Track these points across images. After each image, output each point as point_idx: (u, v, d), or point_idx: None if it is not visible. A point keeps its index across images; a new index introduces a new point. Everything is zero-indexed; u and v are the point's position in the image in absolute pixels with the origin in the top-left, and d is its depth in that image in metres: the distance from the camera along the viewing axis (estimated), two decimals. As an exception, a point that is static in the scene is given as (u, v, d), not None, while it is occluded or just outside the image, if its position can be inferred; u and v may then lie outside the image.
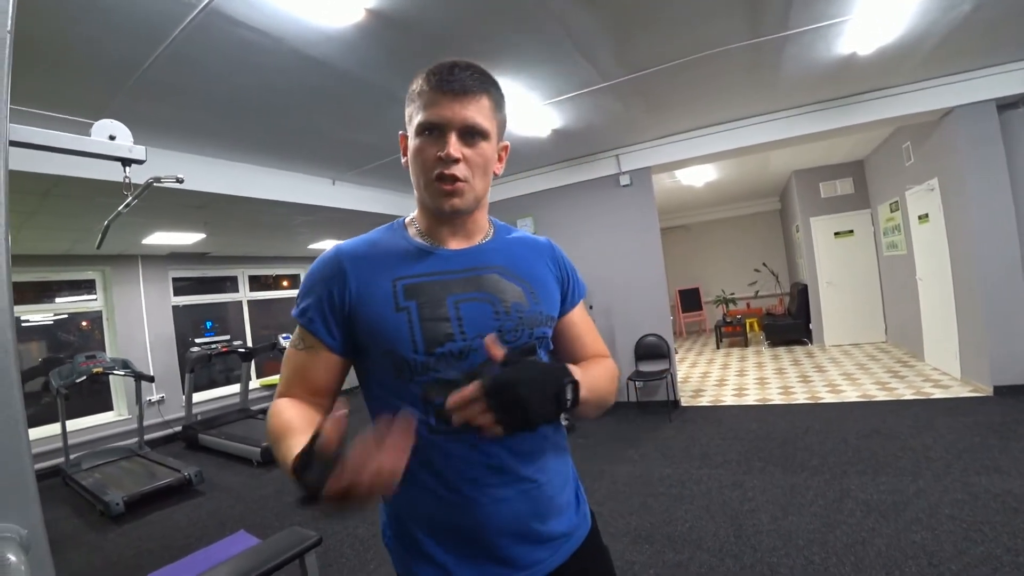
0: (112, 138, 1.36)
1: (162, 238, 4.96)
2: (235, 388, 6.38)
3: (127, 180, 1.53)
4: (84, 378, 4.24)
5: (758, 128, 4.41)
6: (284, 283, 7.77)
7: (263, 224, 5.07)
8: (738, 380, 5.70)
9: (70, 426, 4.48)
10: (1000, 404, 3.69)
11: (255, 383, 6.77)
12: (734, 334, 8.01)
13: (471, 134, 0.77)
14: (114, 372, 4.57)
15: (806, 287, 7.17)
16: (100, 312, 5.59)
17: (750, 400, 4.81)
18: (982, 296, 3.90)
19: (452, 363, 0.76)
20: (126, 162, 1.40)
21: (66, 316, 5.52)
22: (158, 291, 5.91)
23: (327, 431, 0.56)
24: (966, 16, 2.82)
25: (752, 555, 2.21)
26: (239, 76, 2.55)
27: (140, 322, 5.70)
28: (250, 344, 6.66)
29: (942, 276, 4.48)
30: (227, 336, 6.50)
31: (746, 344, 7.91)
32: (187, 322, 6.39)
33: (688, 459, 3.48)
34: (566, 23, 2.47)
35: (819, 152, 6.05)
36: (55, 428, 4.40)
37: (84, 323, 5.65)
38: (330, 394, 0.84)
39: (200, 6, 1.95)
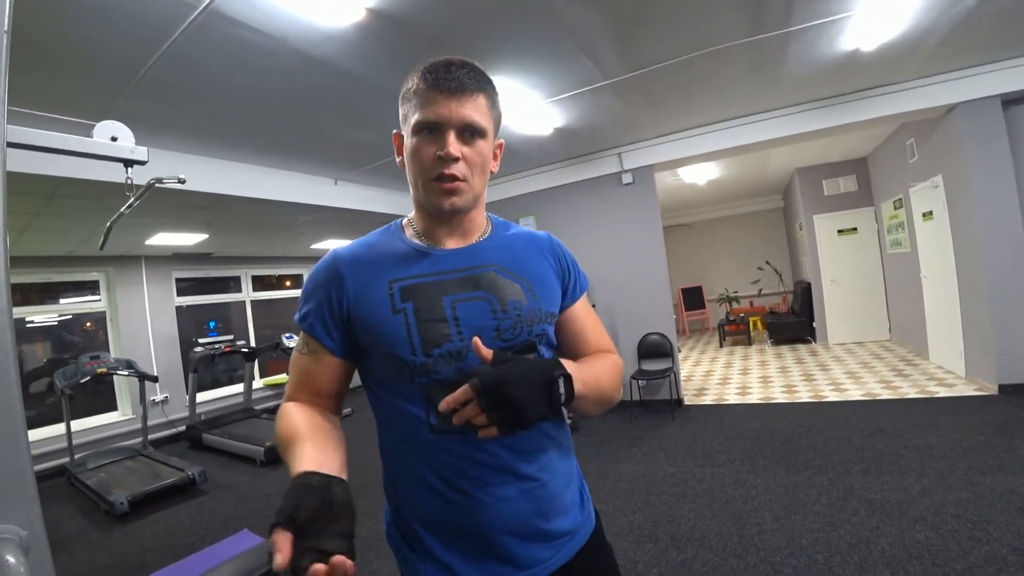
0: (114, 139, 1.37)
1: (165, 239, 4.98)
2: (239, 388, 6.40)
3: (129, 181, 1.54)
4: (88, 378, 4.26)
5: (761, 125, 4.39)
6: (287, 283, 7.79)
7: (266, 224, 5.08)
8: (741, 379, 5.69)
9: (75, 426, 4.51)
10: (1005, 403, 3.67)
11: (258, 383, 6.80)
12: (737, 332, 7.99)
13: (469, 132, 0.77)
14: (118, 372, 4.60)
15: (809, 285, 7.14)
16: (104, 313, 5.61)
17: (753, 399, 4.79)
18: (987, 294, 3.87)
19: (451, 363, 0.76)
20: (128, 163, 1.41)
21: (70, 317, 5.54)
22: (162, 291, 5.93)
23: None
24: (970, 11, 2.80)
25: (755, 554, 2.21)
26: (240, 76, 2.55)
27: (144, 322, 5.73)
28: (253, 344, 6.69)
29: (946, 274, 4.45)
30: (230, 336, 6.50)
31: (749, 342, 7.88)
32: (190, 322, 6.41)
33: (691, 458, 3.47)
34: (567, 21, 2.46)
35: (822, 149, 6.01)
36: (60, 428, 4.43)
37: (88, 324, 5.68)
38: (335, 396, 0.86)
39: (201, 7, 1.95)
